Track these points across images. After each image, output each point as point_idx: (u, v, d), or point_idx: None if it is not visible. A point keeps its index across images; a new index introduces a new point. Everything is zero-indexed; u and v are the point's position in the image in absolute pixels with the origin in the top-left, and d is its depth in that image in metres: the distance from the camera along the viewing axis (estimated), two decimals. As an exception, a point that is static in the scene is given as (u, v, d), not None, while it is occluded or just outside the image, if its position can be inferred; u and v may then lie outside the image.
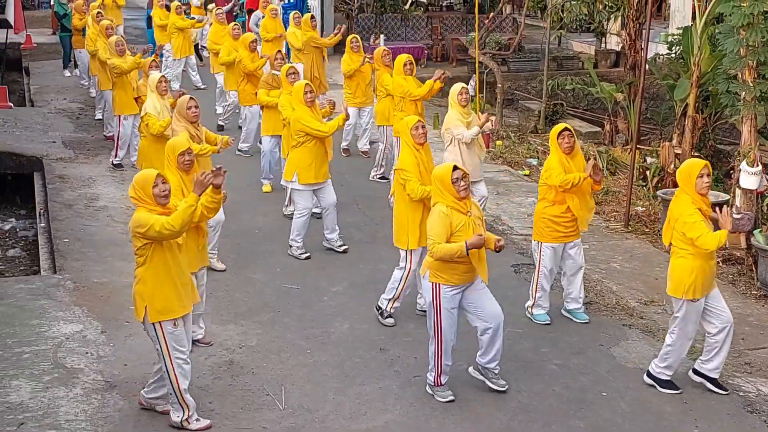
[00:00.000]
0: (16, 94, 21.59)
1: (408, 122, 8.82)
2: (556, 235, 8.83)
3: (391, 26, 23.31)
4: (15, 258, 12.27)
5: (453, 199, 7.26)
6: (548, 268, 8.95)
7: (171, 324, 6.86)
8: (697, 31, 13.15)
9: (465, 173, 7.29)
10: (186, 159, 7.89)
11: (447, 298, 7.38)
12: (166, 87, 11.15)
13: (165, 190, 6.75)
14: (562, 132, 8.67)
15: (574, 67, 21.05)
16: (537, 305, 9.08)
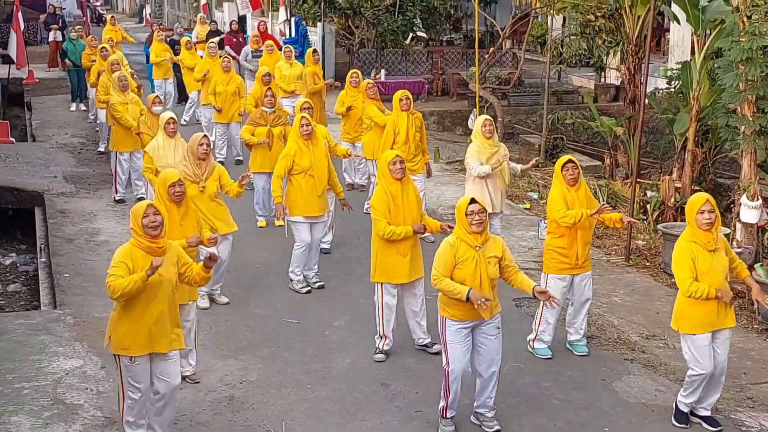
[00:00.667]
0: (18, 129, 21.68)
1: (386, 156, 8.78)
2: (563, 266, 8.81)
3: (392, 61, 23.42)
4: (15, 293, 12.26)
5: (465, 232, 7.25)
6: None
7: (128, 359, 6.82)
8: (696, 65, 13.22)
9: (482, 208, 7.25)
10: (176, 191, 7.93)
11: (452, 332, 7.36)
12: (174, 128, 11.02)
13: (155, 221, 6.71)
14: (566, 164, 8.68)
15: (574, 101, 21.11)
16: (539, 339, 9.05)
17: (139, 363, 6.83)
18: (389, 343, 8.94)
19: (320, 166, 10.40)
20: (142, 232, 6.72)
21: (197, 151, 9.50)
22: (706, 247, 7.36)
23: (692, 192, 13.03)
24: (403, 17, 25.60)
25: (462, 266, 7.22)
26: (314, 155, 10.39)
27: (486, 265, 7.23)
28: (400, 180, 8.64)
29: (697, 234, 7.39)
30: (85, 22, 38.42)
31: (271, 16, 28.01)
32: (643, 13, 14.45)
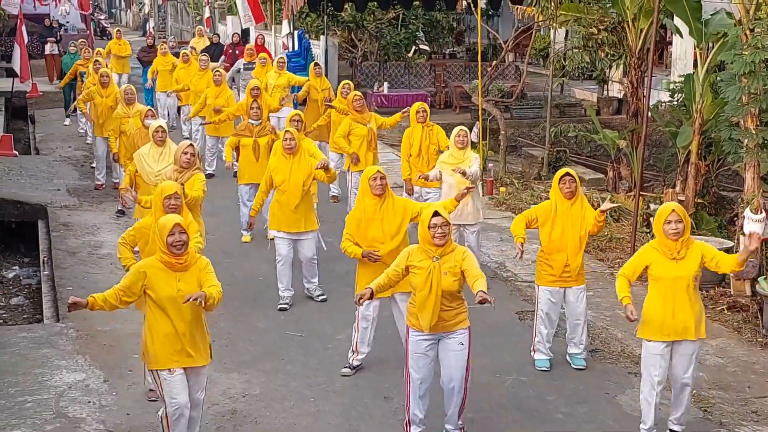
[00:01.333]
0: (22, 142, 21.71)
1: (367, 172, 8.74)
2: (552, 279, 8.79)
3: (395, 74, 23.45)
4: (18, 306, 12.25)
5: (428, 243, 7.15)
6: (544, 312, 8.90)
7: (166, 372, 6.84)
8: (699, 78, 13.23)
9: (446, 221, 7.12)
10: (171, 203, 7.95)
11: (412, 342, 7.33)
12: (163, 137, 10.91)
13: (180, 240, 6.70)
14: (563, 177, 8.67)
15: (577, 114, 21.14)
16: (537, 350, 9.04)
17: (177, 373, 6.84)
18: (359, 358, 8.89)
19: (294, 182, 10.27)
20: (166, 249, 6.72)
21: (180, 159, 9.55)
22: (668, 256, 7.32)
23: (696, 205, 13.04)
24: (405, 30, 25.67)
25: (416, 272, 7.15)
26: (291, 171, 10.29)
27: (440, 275, 7.08)
28: (379, 196, 8.60)
29: (662, 243, 7.36)
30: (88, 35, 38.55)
31: (275, 29, 28.05)
32: (645, 26, 14.46)
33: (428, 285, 7.09)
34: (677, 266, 7.31)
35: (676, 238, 7.29)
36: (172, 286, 6.73)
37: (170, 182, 8.44)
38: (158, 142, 10.87)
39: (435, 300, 7.10)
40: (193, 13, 42.12)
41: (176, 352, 6.83)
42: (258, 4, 26.08)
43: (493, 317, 10.15)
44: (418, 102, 12.80)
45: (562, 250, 8.71)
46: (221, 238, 13.17)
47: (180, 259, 6.75)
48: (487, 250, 12.72)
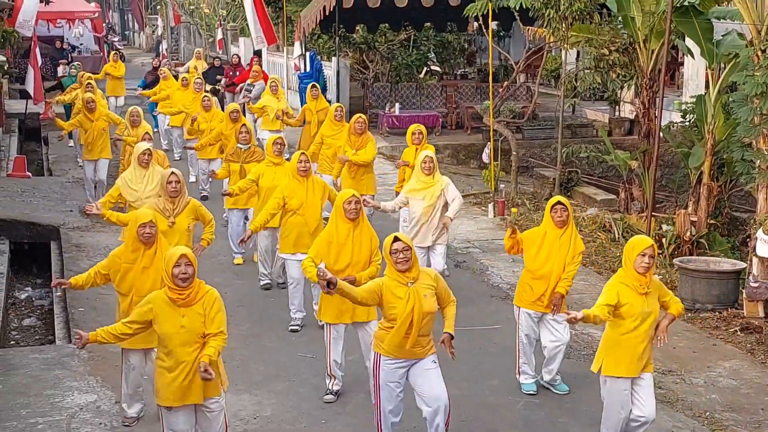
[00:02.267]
0: (35, 163, 21.81)
1: (343, 195, 8.66)
2: (532, 300, 8.73)
3: (406, 95, 23.49)
4: (30, 327, 12.27)
5: (393, 270, 7.07)
6: (524, 333, 8.82)
7: (165, 409, 6.80)
8: (711, 99, 13.22)
9: (407, 245, 7.02)
10: (146, 232, 7.78)
11: (386, 371, 7.20)
12: (148, 159, 10.91)
13: (186, 273, 6.52)
14: (555, 205, 8.59)
15: (588, 134, 21.12)
16: (522, 373, 8.96)
17: (176, 412, 6.74)
18: (338, 383, 8.83)
19: (312, 205, 10.29)
20: (171, 281, 6.58)
21: (167, 189, 9.40)
22: (638, 290, 7.22)
23: (708, 226, 13.00)
24: (417, 51, 25.72)
25: (395, 303, 7.02)
26: (308, 193, 10.30)
27: (421, 299, 7.01)
28: (353, 221, 8.54)
29: (630, 276, 7.23)
30: (102, 57, 38.79)
31: (287, 50, 28.17)
32: (657, 47, 14.47)
33: (410, 311, 6.97)
34: (645, 301, 7.23)
35: (645, 272, 7.19)
36: (175, 323, 6.55)
37: (146, 210, 8.26)
38: (143, 164, 10.88)
39: (417, 324, 7.00)
40: (206, 34, 42.33)
41: (179, 388, 6.64)
42: (270, 26, 26.21)
43: (504, 339, 10.12)
44: (414, 124, 12.76)
45: (545, 276, 8.61)
46: (231, 259, 13.18)
47: (183, 294, 6.55)
48: (498, 270, 12.70)
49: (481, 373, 9.37)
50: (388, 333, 7.12)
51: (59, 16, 37.43)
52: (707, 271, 11.30)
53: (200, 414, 6.83)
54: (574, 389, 8.95)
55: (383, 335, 7.18)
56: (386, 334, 7.14)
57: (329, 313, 8.59)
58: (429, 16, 23.52)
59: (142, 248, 7.83)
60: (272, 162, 11.45)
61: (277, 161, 11.44)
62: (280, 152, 11.46)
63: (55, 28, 38.64)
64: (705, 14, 13.29)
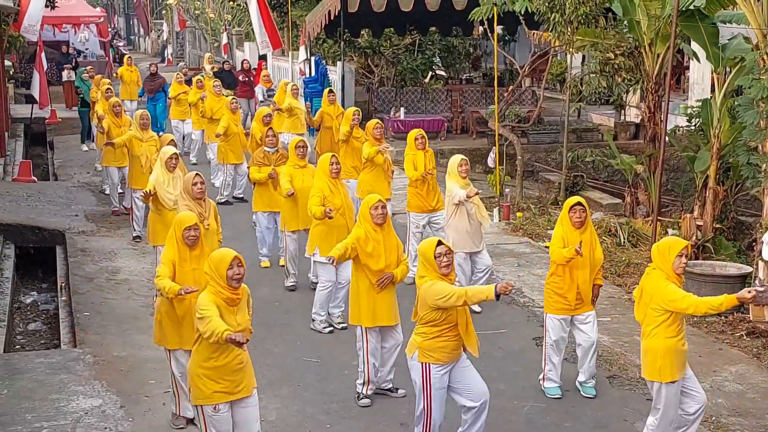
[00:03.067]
0: (40, 168, 21.85)
1: (368, 201, 8.67)
2: (560, 306, 8.74)
3: (411, 99, 23.49)
4: (36, 332, 12.28)
5: (438, 275, 7.14)
6: (554, 340, 8.83)
7: (211, 408, 6.80)
8: (717, 103, 13.20)
9: (449, 249, 7.14)
10: (191, 234, 7.87)
11: (437, 378, 7.28)
12: (175, 164, 11.14)
13: (239, 273, 6.67)
14: (574, 206, 8.61)
15: (594, 139, 21.10)
16: (547, 378, 8.97)
17: (222, 412, 6.79)
18: (372, 387, 8.83)
19: (350, 207, 10.53)
20: (225, 283, 6.67)
21: (192, 191, 9.48)
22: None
23: (714, 230, 12.98)
24: (422, 56, 25.72)
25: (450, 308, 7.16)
26: (342, 195, 10.50)
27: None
28: (380, 225, 8.57)
29: (672, 277, 7.21)
30: (107, 62, 38.85)
31: (292, 55, 28.19)
32: (662, 51, 14.46)
33: (464, 313, 7.19)
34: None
35: (682, 272, 7.27)
36: (231, 323, 6.68)
37: (189, 213, 8.36)
38: (170, 168, 11.13)
39: (470, 324, 7.23)
40: (211, 39, 42.38)
41: (239, 381, 6.82)
42: (275, 31, 26.26)
43: (509, 343, 10.12)
44: (415, 129, 12.77)
45: (573, 279, 8.64)
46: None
47: (238, 293, 6.75)
48: (504, 275, 12.68)
49: (487, 378, 9.28)
50: (439, 340, 7.19)
51: (65, 20, 37.50)
52: (713, 275, 11.28)
53: (240, 411, 6.92)
54: (579, 393, 8.93)
55: (432, 344, 7.22)
56: (437, 341, 7.20)
57: (366, 317, 8.60)
58: (434, 20, 23.53)
59: (188, 250, 7.89)
60: (297, 164, 11.61)
61: (302, 164, 11.62)
62: (304, 155, 11.64)
63: (61, 32, 38.70)
64: (710, 18, 13.27)
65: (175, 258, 7.86)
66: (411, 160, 12.30)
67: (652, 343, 7.26)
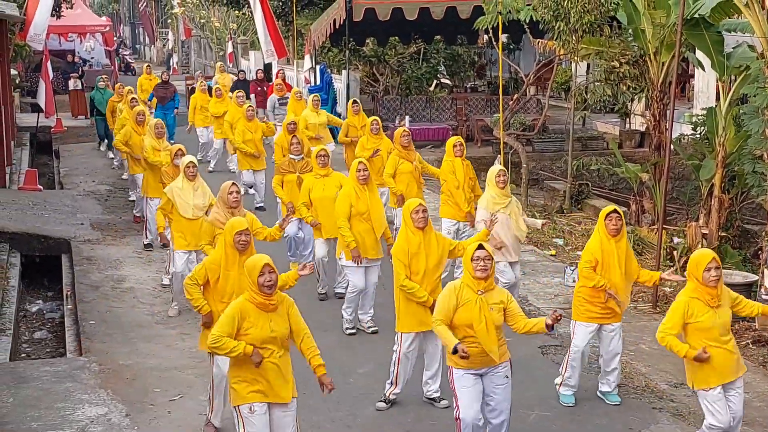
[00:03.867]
0: (46, 176, 21.90)
1: (409, 205, 8.74)
2: (590, 314, 8.73)
3: (416, 108, 23.52)
4: (41, 340, 12.29)
5: (470, 276, 7.22)
6: (579, 348, 8.81)
7: (247, 408, 6.85)
8: (722, 111, 13.20)
9: (489, 254, 7.21)
10: (242, 239, 7.97)
11: (458, 377, 7.33)
12: (194, 172, 11.16)
13: (270, 280, 6.73)
14: (610, 214, 8.62)
15: (599, 147, 21.12)
16: (565, 384, 8.96)
17: (258, 413, 6.84)
18: (397, 391, 8.86)
19: (377, 210, 10.50)
20: (257, 289, 6.74)
21: (228, 200, 9.58)
22: (710, 303, 7.30)
23: (719, 238, 12.96)
24: (427, 64, 25.79)
25: (466, 308, 7.19)
26: (371, 200, 10.48)
27: (489, 310, 7.18)
28: (422, 229, 8.61)
29: (702, 290, 7.32)
30: (113, 71, 38.97)
31: (297, 64, 28.25)
32: (667, 59, 14.46)
33: (482, 318, 7.17)
34: (717, 313, 7.32)
35: (716, 284, 7.30)
36: (265, 328, 6.76)
37: (239, 218, 8.42)
38: (190, 176, 11.13)
39: (492, 333, 7.20)
40: (216, 48, 42.49)
41: (276, 386, 6.90)
42: (280, 39, 26.31)
43: (515, 352, 10.08)
44: (454, 136, 12.83)
45: (610, 288, 8.64)
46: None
47: (272, 299, 6.79)
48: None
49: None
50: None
51: (70, 29, 37.68)
52: (719, 283, 11.24)
53: (277, 416, 6.97)
54: (585, 402, 8.92)
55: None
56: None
57: (408, 323, 8.62)
58: (439, 29, 23.58)
59: (238, 255, 7.95)
60: (319, 174, 11.59)
61: (324, 173, 11.60)
62: (325, 164, 11.61)
63: (67, 41, 38.87)
64: (715, 27, 13.27)
65: (222, 264, 7.96)
66: (450, 169, 12.33)
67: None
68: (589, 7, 14.84)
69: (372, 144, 14.19)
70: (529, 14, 15.92)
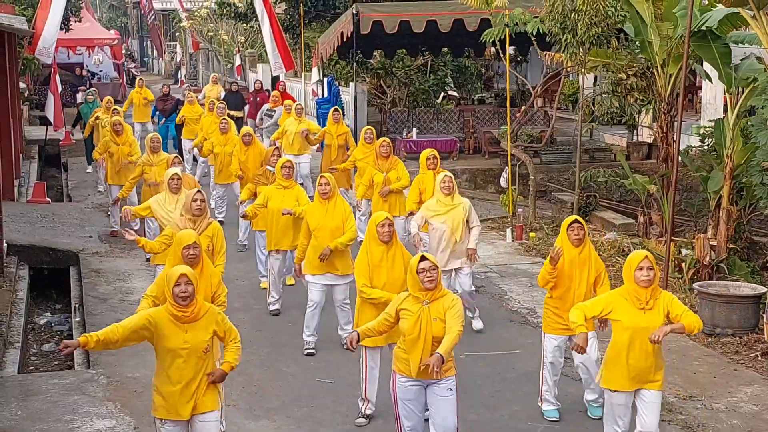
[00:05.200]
0: (55, 189, 21.94)
1: (375, 218, 8.73)
2: (558, 326, 8.69)
3: (424, 120, 23.53)
4: (50, 353, 12.30)
5: (417, 288, 7.16)
6: (549, 361, 8.77)
7: (159, 421, 6.87)
8: (730, 123, 13.18)
9: (433, 265, 7.14)
10: (191, 253, 7.89)
11: (401, 389, 7.28)
12: (178, 185, 11.00)
13: (185, 291, 6.66)
14: (572, 224, 8.59)
15: (607, 159, 21.08)
16: (544, 400, 8.90)
17: (168, 426, 6.82)
18: (371, 407, 8.81)
19: (326, 228, 10.29)
20: (173, 300, 6.70)
21: (191, 207, 9.41)
22: (636, 304, 7.26)
23: (728, 250, 12.93)
24: (434, 77, 25.80)
25: (406, 317, 7.15)
26: (326, 215, 10.33)
27: (430, 320, 7.10)
28: (386, 243, 8.59)
29: (631, 289, 7.30)
30: (121, 83, 39.08)
31: (304, 76, 28.30)
32: (674, 71, 14.46)
33: (417, 329, 7.09)
34: (645, 317, 7.25)
35: (648, 285, 7.23)
36: (178, 338, 6.68)
37: (189, 231, 8.35)
38: (173, 189, 10.99)
39: (424, 344, 7.09)
40: (224, 61, 42.58)
41: (179, 402, 6.76)
42: (288, 52, 26.37)
43: (524, 364, 10.08)
44: (427, 149, 12.81)
45: (567, 298, 8.57)
46: (250, 283, 13.21)
47: (186, 311, 6.69)
48: (517, 295, 12.67)
49: (501, 399, 9.33)
50: (399, 350, 7.25)
51: (79, 43, 37.79)
52: (727, 295, 11.24)
53: (195, 428, 6.89)
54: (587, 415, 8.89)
55: (398, 353, 7.30)
56: (400, 351, 7.26)
57: (369, 339, 8.55)
58: (446, 41, 23.57)
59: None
60: (281, 185, 11.52)
61: (286, 184, 11.52)
62: (290, 175, 11.53)
63: (75, 55, 38.98)
64: (723, 38, 13.27)
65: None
66: (418, 182, 12.29)
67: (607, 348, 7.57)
68: (596, 19, 14.85)
69: (364, 153, 14.24)
70: (537, 26, 15.92)
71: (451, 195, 10.71)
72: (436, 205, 10.80)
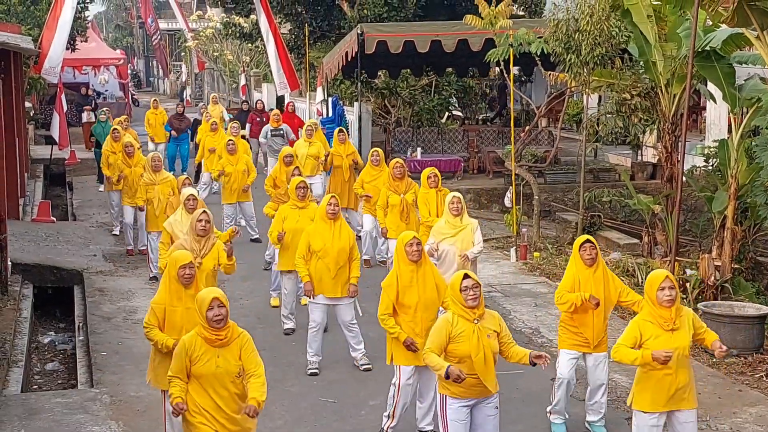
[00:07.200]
0: (59, 208, 21.99)
1: (403, 238, 8.70)
2: (573, 342, 8.70)
3: (428, 139, 23.57)
4: (53, 372, 12.30)
5: (461, 307, 7.17)
6: (563, 376, 8.76)
7: None
8: (734, 143, 13.18)
9: (476, 282, 7.19)
10: (186, 273, 7.84)
11: (452, 410, 7.25)
12: (194, 205, 10.94)
13: (220, 314, 6.67)
14: (584, 244, 8.60)
15: (611, 179, 21.09)
16: (554, 412, 8.92)
17: None
18: (393, 425, 8.78)
19: (332, 249, 10.25)
20: (206, 324, 6.69)
21: (196, 227, 9.40)
22: (664, 327, 7.25)
23: (732, 270, 12.91)
24: (439, 96, 25.83)
25: (462, 339, 7.11)
26: (333, 236, 10.29)
27: (486, 337, 7.14)
28: (416, 262, 8.58)
29: (655, 312, 7.29)
30: (126, 103, 39.20)
31: (309, 96, 28.37)
32: (678, 91, 14.47)
33: (480, 348, 7.11)
34: (674, 337, 7.24)
35: (671, 305, 7.24)
36: (211, 363, 6.70)
37: (184, 252, 8.32)
38: (189, 209, 10.93)
39: (489, 361, 7.14)
40: (230, 81, 42.71)
41: (214, 427, 6.76)
42: (293, 72, 26.46)
43: (528, 384, 10.05)
44: (428, 167, 12.82)
45: (590, 317, 8.60)
46: (254, 303, 13.20)
47: (220, 334, 6.71)
48: (521, 315, 12.65)
49: (506, 419, 9.25)
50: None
51: (85, 62, 37.95)
52: (732, 315, 11.21)
53: None
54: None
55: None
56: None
57: (405, 356, 8.56)
58: (451, 61, 23.63)
59: (183, 290, 7.85)
60: (296, 205, 11.52)
61: (301, 205, 11.52)
62: (304, 196, 11.55)
63: (81, 74, 39.13)
64: (727, 59, 13.29)
65: (166, 300, 7.85)
66: (424, 201, 12.34)
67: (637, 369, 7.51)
68: (600, 39, 14.88)
69: (371, 176, 14.27)
70: (541, 47, 15.96)
71: (460, 216, 10.73)
72: (446, 227, 10.78)
